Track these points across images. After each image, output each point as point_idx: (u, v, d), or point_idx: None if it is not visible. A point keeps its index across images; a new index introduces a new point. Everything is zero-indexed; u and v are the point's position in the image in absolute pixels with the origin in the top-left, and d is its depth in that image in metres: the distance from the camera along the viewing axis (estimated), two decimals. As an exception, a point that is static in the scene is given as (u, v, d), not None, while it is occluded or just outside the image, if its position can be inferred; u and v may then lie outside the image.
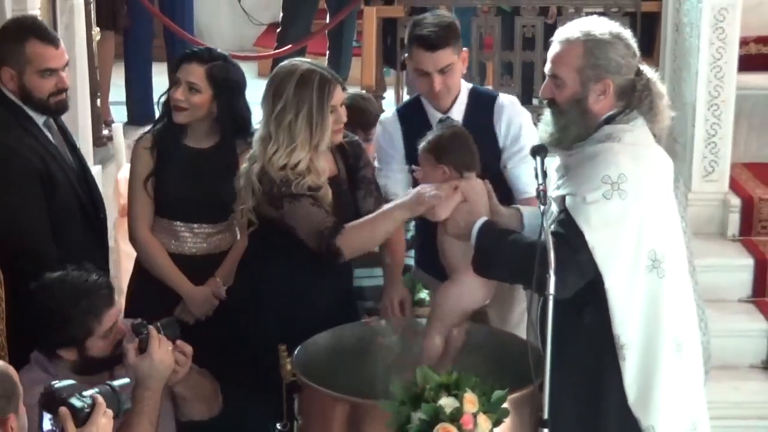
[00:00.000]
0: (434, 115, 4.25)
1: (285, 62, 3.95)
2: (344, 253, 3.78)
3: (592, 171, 3.36)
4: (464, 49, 4.28)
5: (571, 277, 3.33)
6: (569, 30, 3.49)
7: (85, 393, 2.93)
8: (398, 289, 4.08)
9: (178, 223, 4.31)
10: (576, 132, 3.46)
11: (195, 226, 4.31)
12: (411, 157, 4.19)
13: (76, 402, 2.88)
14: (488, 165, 3.98)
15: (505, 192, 4.12)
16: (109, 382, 3.12)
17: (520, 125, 4.30)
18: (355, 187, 4.03)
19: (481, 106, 4.29)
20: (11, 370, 2.84)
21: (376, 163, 4.34)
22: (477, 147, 3.77)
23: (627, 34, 3.49)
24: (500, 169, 4.26)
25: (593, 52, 3.41)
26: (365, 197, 4.02)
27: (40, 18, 5.23)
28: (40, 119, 4.10)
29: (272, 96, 3.83)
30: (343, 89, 3.93)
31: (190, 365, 3.57)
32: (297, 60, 3.98)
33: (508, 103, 4.34)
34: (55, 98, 4.08)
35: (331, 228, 3.76)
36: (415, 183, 3.97)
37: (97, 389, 2.99)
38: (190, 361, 3.57)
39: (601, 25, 3.47)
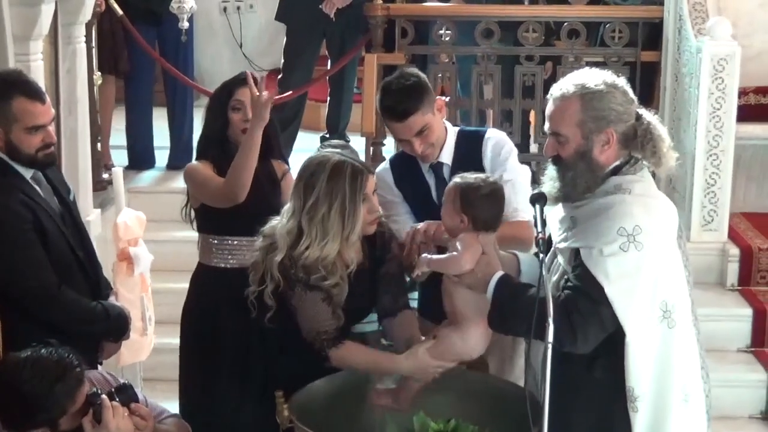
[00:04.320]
0: (425, 164, 4.26)
1: (315, 154, 3.85)
2: (332, 363, 3.76)
3: (607, 223, 3.34)
4: (438, 98, 4.21)
5: (593, 330, 3.32)
6: (563, 86, 3.46)
7: None
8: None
9: (238, 238, 4.45)
10: (584, 185, 3.43)
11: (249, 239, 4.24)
12: (408, 201, 4.23)
13: None
14: None
15: None
16: None
17: (504, 148, 4.24)
18: (377, 279, 3.93)
19: (470, 147, 4.26)
20: None
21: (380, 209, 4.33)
22: None
23: (621, 81, 3.48)
24: None
25: (591, 104, 3.39)
26: (384, 294, 3.93)
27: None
28: (27, 173, 4.04)
29: (303, 189, 3.74)
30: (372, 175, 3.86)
31: (152, 427, 3.52)
32: (327, 151, 3.93)
33: (494, 135, 4.30)
34: (42, 152, 4.01)
35: (331, 338, 3.71)
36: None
37: None
38: (152, 421, 3.52)
39: (594, 77, 3.45)
